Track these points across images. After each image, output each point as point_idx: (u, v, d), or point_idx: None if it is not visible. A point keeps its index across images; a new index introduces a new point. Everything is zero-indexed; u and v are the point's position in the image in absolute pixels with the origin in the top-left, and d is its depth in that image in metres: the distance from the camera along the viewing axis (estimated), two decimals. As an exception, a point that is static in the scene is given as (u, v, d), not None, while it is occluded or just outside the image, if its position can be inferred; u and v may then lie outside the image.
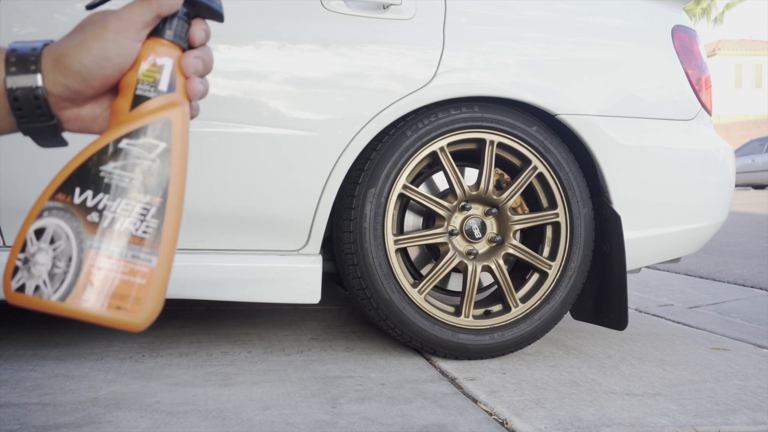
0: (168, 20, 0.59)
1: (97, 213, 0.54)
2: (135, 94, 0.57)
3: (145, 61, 0.58)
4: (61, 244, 0.53)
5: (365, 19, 1.79)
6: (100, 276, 0.53)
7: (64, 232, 0.53)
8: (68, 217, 0.54)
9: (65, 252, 0.53)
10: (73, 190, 0.54)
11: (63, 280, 0.53)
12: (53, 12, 1.63)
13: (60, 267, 0.53)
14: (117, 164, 0.55)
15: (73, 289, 0.53)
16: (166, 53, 0.58)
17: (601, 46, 2.00)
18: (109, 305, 0.53)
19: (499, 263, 1.91)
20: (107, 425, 1.32)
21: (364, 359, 1.87)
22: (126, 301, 0.54)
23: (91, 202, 0.54)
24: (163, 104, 0.57)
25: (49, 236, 0.53)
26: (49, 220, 0.54)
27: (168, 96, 0.58)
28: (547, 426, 1.40)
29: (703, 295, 3.30)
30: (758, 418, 1.49)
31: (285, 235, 1.79)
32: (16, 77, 0.56)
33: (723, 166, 2.14)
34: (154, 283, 0.55)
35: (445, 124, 1.84)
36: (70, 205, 0.54)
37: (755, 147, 18.66)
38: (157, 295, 0.55)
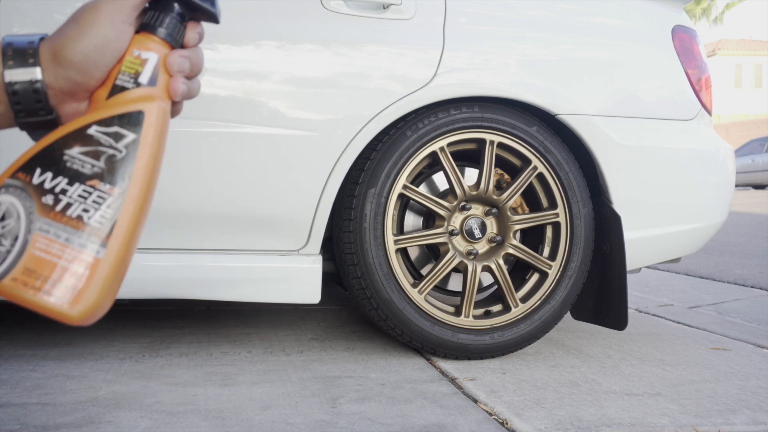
0: (160, 16, 0.58)
1: (52, 195, 0.53)
2: (114, 83, 0.57)
3: (129, 53, 0.57)
4: (11, 222, 0.52)
5: (365, 19, 1.79)
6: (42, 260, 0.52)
7: (16, 210, 0.52)
8: (24, 196, 0.53)
9: (13, 231, 0.52)
10: (34, 170, 0.53)
11: (4, 259, 0.51)
12: (53, 12, 1.63)
13: (4, 245, 0.51)
14: (82, 149, 0.54)
15: (13, 269, 0.51)
16: (153, 48, 0.58)
17: (601, 46, 2.00)
18: (44, 291, 0.51)
19: (499, 263, 1.91)
20: (107, 425, 1.32)
21: (364, 359, 1.87)
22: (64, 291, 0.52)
23: (49, 184, 0.53)
24: (140, 96, 0.57)
25: (1, 213, 0.52)
26: (5, 197, 0.52)
27: (147, 89, 0.57)
28: (547, 426, 1.40)
29: (703, 295, 3.30)
30: (758, 418, 1.49)
31: (285, 235, 1.79)
32: (14, 71, 0.55)
33: (723, 166, 2.14)
34: (98, 276, 0.53)
35: (445, 124, 1.84)
36: (28, 184, 0.53)
37: (755, 147, 18.66)
38: (100, 290, 0.53)
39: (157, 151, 0.57)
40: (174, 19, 0.59)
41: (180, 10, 0.59)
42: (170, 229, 1.71)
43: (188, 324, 2.25)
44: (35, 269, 0.51)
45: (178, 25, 0.59)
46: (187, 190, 1.70)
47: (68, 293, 0.52)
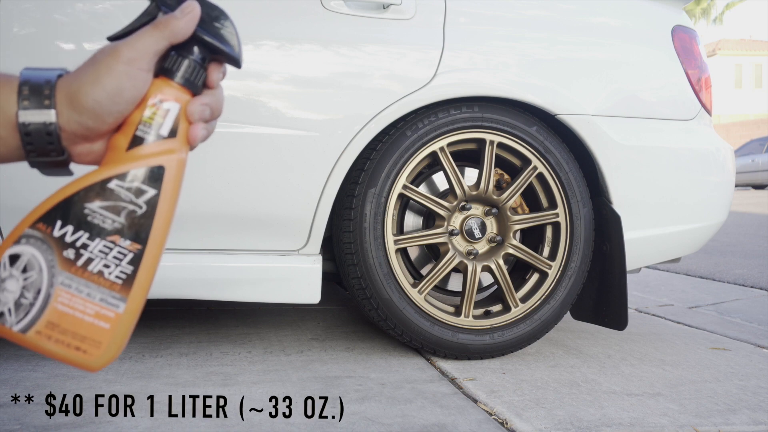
0: (181, 61, 0.57)
1: (73, 250, 0.53)
2: (135, 134, 0.56)
3: (151, 102, 0.56)
4: (32, 274, 0.52)
5: (365, 19, 1.79)
6: (64, 314, 0.53)
7: (38, 263, 0.53)
8: (45, 248, 0.53)
9: (35, 284, 0.52)
10: (55, 222, 0.53)
11: (28, 312, 0.52)
12: (53, 12, 1.63)
13: (27, 298, 0.52)
14: (102, 204, 0.54)
15: (36, 322, 0.52)
16: (174, 97, 0.56)
17: (601, 46, 2.00)
18: (68, 344, 0.52)
19: (499, 263, 1.91)
20: (107, 425, 1.32)
21: (364, 359, 1.87)
22: (85, 343, 0.53)
23: (70, 237, 0.53)
24: (160, 150, 0.56)
25: (22, 264, 0.52)
26: (26, 248, 0.53)
27: (167, 142, 0.56)
28: (547, 426, 1.40)
29: (703, 295, 3.30)
30: (758, 418, 1.49)
31: (285, 235, 1.79)
32: (29, 111, 0.54)
33: (723, 166, 2.14)
34: (118, 330, 0.54)
35: (445, 124, 1.84)
36: (49, 236, 0.53)
37: (755, 147, 18.66)
38: (119, 342, 0.54)
39: (174, 204, 0.57)
40: (195, 63, 0.57)
41: (201, 54, 0.58)
42: (170, 230, 1.71)
43: (188, 324, 2.25)
44: (58, 323, 0.52)
45: (199, 69, 0.58)
46: (186, 191, 1.70)
47: (90, 347, 0.53)
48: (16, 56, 1.58)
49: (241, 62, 0.60)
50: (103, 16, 1.66)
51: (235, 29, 0.60)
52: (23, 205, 1.71)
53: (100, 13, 1.66)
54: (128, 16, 1.86)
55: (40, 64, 1.71)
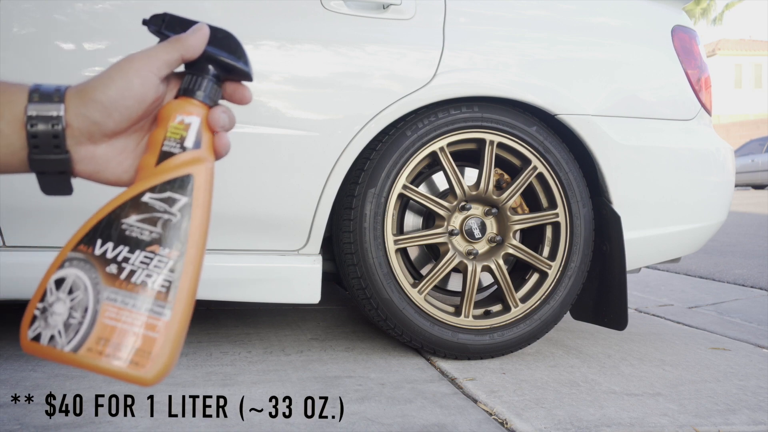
0: (197, 80, 0.61)
1: (116, 265, 0.55)
2: (161, 150, 0.59)
3: (173, 119, 0.59)
4: (78, 294, 0.54)
5: (365, 19, 1.79)
6: (113, 328, 0.53)
7: (82, 282, 0.54)
8: (88, 268, 0.54)
9: (82, 303, 0.54)
10: (95, 242, 0.55)
11: (78, 330, 0.53)
12: (53, 12, 1.63)
13: (76, 317, 0.53)
14: (138, 217, 0.56)
15: (87, 340, 0.53)
16: (194, 112, 0.60)
17: (601, 46, 2.00)
18: (120, 358, 0.53)
19: (499, 263, 1.91)
20: (107, 425, 1.32)
21: (364, 359, 1.87)
22: (137, 355, 0.53)
23: (111, 253, 0.55)
24: (187, 160, 0.59)
25: (68, 286, 0.54)
26: (70, 271, 0.54)
27: (193, 152, 0.59)
28: (547, 426, 1.40)
29: (703, 295, 3.30)
30: (758, 418, 1.49)
31: (285, 235, 1.79)
32: (38, 105, 0.55)
33: (723, 166, 2.14)
34: (167, 338, 0.54)
35: (445, 124, 1.84)
36: (91, 256, 0.55)
37: (755, 147, 18.66)
38: (170, 350, 0.55)
39: (208, 209, 0.59)
40: (210, 81, 0.61)
41: (216, 72, 0.62)
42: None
43: (188, 324, 2.25)
44: (108, 338, 0.53)
45: (214, 86, 0.62)
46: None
47: (142, 358, 0.53)
48: (16, 56, 1.58)
49: (252, 76, 0.64)
50: (103, 16, 1.66)
51: (243, 47, 0.63)
52: (23, 205, 1.72)
53: (100, 13, 1.66)
54: (128, 16, 1.86)
55: (40, 64, 1.71)
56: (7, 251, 1.66)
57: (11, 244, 1.67)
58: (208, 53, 0.61)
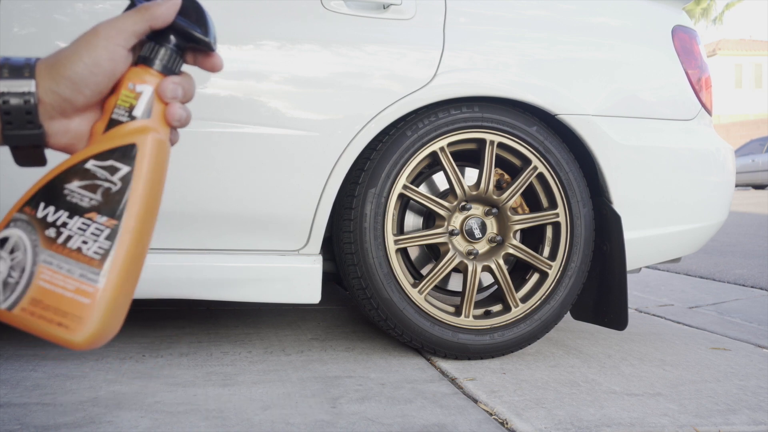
0: (156, 48, 0.60)
1: (54, 229, 0.56)
2: (110, 117, 0.59)
3: (124, 86, 0.59)
4: (18, 255, 0.55)
5: (365, 19, 1.79)
6: (47, 291, 0.55)
7: (23, 243, 0.55)
8: (30, 229, 0.56)
9: (21, 263, 0.55)
10: (38, 204, 0.56)
11: (14, 290, 0.54)
12: (53, 12, 1.63)
13: (14, 277, 0.54)
14: (80, 183, 0.57)
15: (21, 300, 0.54)
16: (148, 81, 0.60)
17: (601, 46, 2.00)
18: (50, 320, 0.54)
19: (499, 263, 1.91)
20: (107, 425, 1.32)
21: (364, 359, 1.87)
22: (67, 318, 0.54)
23: (51, 217, 0.56)
24: (133, 129, 0.59)
25: (10, 246, 0.55)
26: (14, 231, 0.56)
27: (141, 122, 0.59)
28: (547, 426, 1.40)
29: (703, 295, 3.30)
30: (758, 418, 1.49)
31: (285, 235, 1.79)
32: (9, 81, 0.56)
33: (723, 166, 2.14)
34: (99, 305, 0.55)
35: (446, 124, 1.84)
36: (33, 218, 0.56)
37: (755, 147, 18.66)
38: (102, 317, 0.55)
39: (153, 182, 0.59)
40: (170, 50, 0.60)
41: (176, 41, 0.61)
42: (170, 230, 1.71)
43: (188, 324, 2.25)
44: (41, 299, 0.54)
45: (174, 56, 0.61)
46: (187, 191, 1.70)
47: (72, 322, 0.55)
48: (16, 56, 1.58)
49: (215, 47, 0.63)
50: (103, 16, 1.65)
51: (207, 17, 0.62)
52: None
53: (100, 13, 1.66)
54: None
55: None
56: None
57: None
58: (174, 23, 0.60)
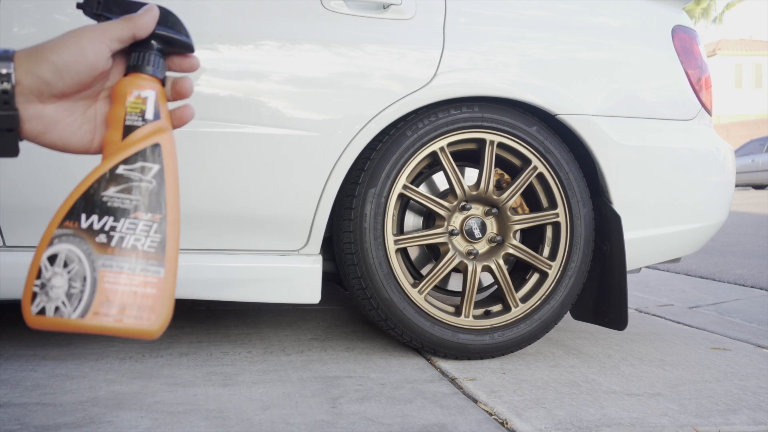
0: (143, 55, 0.64)
1: (104, 234, 0.58)
2: (125, 125, 0.62)
3: (130, 95, 0.63)
4: (74, 266, 0.57)
5: (365, 19, 1.79)
6: (114, 291, 0.57)
7: (75, 255, 0.57)
8: (78, 241, 0.58)
9: (79, 273, 0.57)
10: (80, 216, 0.59)
11: (81, 298, 0.56)
12: (53, 12, 1.63)
13: (76, 287, 0.57)
14: (117, 188, 0.60)
15: (92, 305, 0.56)
16: (148, 86, 0.64)
17: (601, 46, 2.00)
18: (125, 316, 0.57)
19: (499, 263, 1.91)
20: (107, 425, 1.32)
21: (364, 359, 1.87)
22: (141, 311, 0.58)
23: (97, 225, 0.58)
24: (151, 131, 0.63)
25: (62, 261, 0.57)
26: (60, 246, 0.58)
27: (155, 123, 0.63)
28: (548, 426, 1.40)
29: (703, 295, 3.30)
30: (758, 418, 1.49)
31: (285, 235, 1.79)
32: None
33: (723, 166, 2.14)
34: (164, 292, 0.59)
35: (445, 124, 1.84)
36: (78, 230, 0.58)
37: (755, 147, 18.66)
38: (168, 302, 0.60)
39: (176, 172, 0.64)
40: (155, 55, 0.65)
41: (159, 47, 0.65)
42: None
43: (188, 324, 2.25)
44: (112, 300, 0.57)
45: (161, 60, 0.65)
46: (186, 190, 1.70)
47: (146, 313, 0.58)
48: (16, 56, 1.58)
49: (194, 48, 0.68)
50: (103, 16, 1.66)
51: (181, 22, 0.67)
52: (23, 205, 1.72)
53: (100, 13, 1.66)
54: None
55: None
56: (7, 251, 1.66)
57: (11, 244, 1.67)
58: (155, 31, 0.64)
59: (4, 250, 1.66)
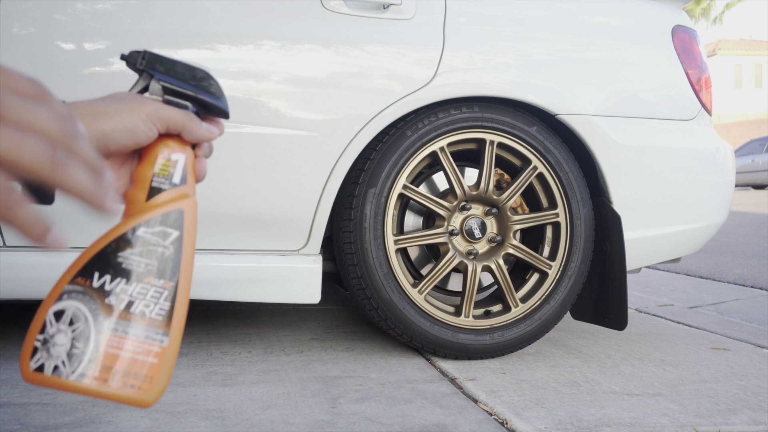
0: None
1: (114, 296, 0.57)
2: (151, 186, 0.62)
3: (161, 156, 0.62)
4: (80, 325, 0.56)
5: (365, 19, 1.79)
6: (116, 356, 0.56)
7: (83, 314, 0.56)
8: (87, 299, 0.57)
9: (84, 333, 0.56)
10: (93, 275, 0.58)
11: (81, 360, 0.55)
12: (54, 12, 1.63)
13: (78, 347, 0.55)
14: (134, 250, 0.59)
15: (91, 369, 0.55)
16: (179, 149, 0.63)
17: (601, 46, 2.00)
18: (123, 384, 0.56)
19: (499, 263, 1.91)
20: (107, 425, 1.32)
21: (364, 359, 1.87)
22: (139, 380, 0.57)
23: (109, 285, 0.57)
24: (176, 196, 0.62)
25: (68, 318, 0.56)
26: (69, 303, 0.56)
27: (181, 188, 0.63)
28: (547, 426, 1.40)
29: (703, 295, 3.30)
30: (758, 418, 1.49)
31: (285, 235, 1.79)
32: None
33: (723, 166, 2.14)
34: (166, 362, 0.58)
35: (445, 124, 1.84)
36: (89, 288, 0.57)
37: (755, 147, 18.66)
38: (168, 372, 0.59)
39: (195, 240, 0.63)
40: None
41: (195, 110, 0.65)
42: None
43: (188, 324, 2.25)
44: (113, 366, 0.56)
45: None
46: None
47: (144, 383, 0.57)
48: (16, 56, 1.58)
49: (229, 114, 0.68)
50: (103, 16, 1.66)
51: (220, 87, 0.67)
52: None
53: (100, 13, 1.66)
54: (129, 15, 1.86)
55: (40, 64, 1.71)
56: (7, 251, 1.66)
57: (11, 244, 1.67)
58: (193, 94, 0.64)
59: (4, 250, 1.66)
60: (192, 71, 0.65)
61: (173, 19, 1.68)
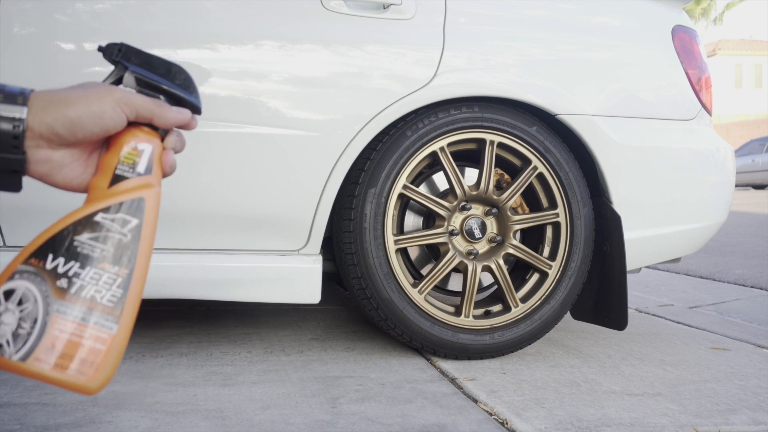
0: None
1: (66, 279, 0.57)
2: (114, 173, 0.61)
3: (127, 145, 0.62)
4: (28, 306, 0.55)
5: (365, 19, 1.79)
6: (62, 339, 0.55)
7: (32, 294, 0.56)
8: (38, 281, 0.56)
9: (31, 314, 0.55)
10: (46, 256, 0.57)
11: (26, 341, 0.55)
12: (53, 12, 1.63)
13: (24, 328, 0.55)
14: (91, 235, 0.58)
15: (35, 350, 0.55)
16: (147, 140, 0.63)
17: (601, 46, 2.00)
18: (67, 368, 0.55)
19: (499, 263, 1.91)
20: (107, 425, 1.32)
21: (364, 359, 1.87)
22: (84, 366, 0.56)
23: (62, 268, 0.57)
24: (139, 185, 0.62)
25: (17, 298, 0.55)
26: (20, 283, 0.56)
27: (145, 178, 0.62)
28: (548, 426, 1.40)
29: (703, 295, 3.30)
30: (758, 418, 1.49)
31: (285, 235, 1.79)
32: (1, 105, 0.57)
33: (723, 165, 2.14)
34: (113, 350, 0.57)
35: (445, 124, 1.84)
36: (42, 269, 0.57)
37: (755, 147, 18.66)
38: (114, 362, 0.57)
39: (154, 230, 0.62)
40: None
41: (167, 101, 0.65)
42: (170, 230, 1.71)
43: (188, 324, 2.25)
44: (57, 348, 0.55)
45: None
46: (186, 190, 1.70)
47: (88, 368, 0.56)
48: (16, 56, 1.58)
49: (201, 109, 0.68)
50: (103, 16, 1.66)
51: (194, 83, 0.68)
52: (23, 205, 1.72)
53: (100, 13, 1.66)
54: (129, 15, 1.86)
55: (40, 64, 1.71)
56: (7, 251, 1.66)
57: (11, 244, 1.67)
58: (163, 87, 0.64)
59: (4, 250, 1.66)
60: (167, 66, 0.65)
61: (173, 19, 1.68)
